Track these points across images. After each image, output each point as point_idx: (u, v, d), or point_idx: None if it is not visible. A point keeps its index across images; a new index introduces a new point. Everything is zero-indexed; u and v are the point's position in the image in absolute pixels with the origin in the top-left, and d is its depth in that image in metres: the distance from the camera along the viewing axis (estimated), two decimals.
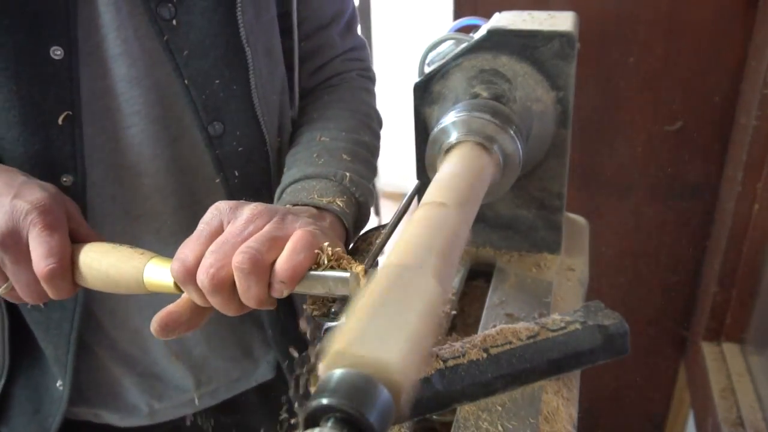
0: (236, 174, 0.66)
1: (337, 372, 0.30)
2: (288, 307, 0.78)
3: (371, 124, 0.74)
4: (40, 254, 0.50)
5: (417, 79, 0.69)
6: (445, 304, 0.38)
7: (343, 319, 0.48)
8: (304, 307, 0.52)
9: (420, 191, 0.65)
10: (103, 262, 0.51)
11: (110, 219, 0.65)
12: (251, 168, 0.67)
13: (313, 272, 0.47)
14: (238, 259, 0.45)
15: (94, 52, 0.59)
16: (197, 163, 0.66)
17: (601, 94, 1.20)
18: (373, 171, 0.68)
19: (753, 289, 1.16)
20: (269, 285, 0.47)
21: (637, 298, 1.38)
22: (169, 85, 0.62)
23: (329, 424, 0.28)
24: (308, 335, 0.51)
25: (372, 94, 0.81)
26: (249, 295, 0.47)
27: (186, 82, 0.61)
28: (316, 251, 0.48)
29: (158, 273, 0.50)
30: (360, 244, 0.58)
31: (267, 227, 0.48)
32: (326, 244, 0.48)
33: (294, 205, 0.57)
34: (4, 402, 0.72)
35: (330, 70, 0.77)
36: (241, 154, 0.66)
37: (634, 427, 1.55)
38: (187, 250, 0.48)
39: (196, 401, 0.80)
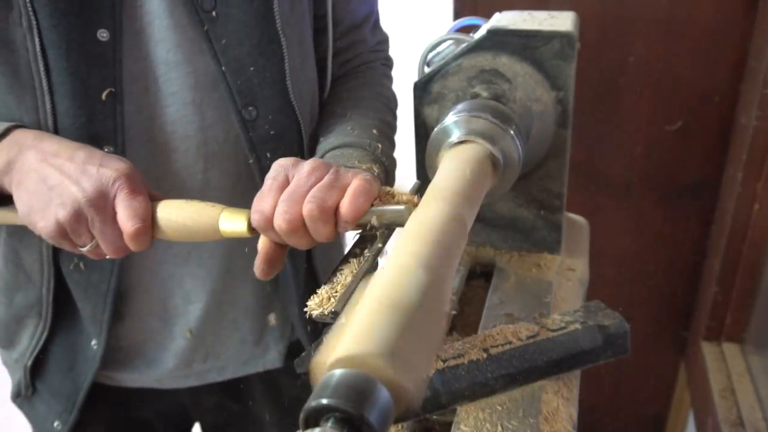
0: (268, 156, 0.70)
1: (338, 372, 0.30)
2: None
3: (391, 106, 0.83)
4: (127, 215, 0.57)
5: (417, 79, 0.69)
6: (445, 303, 0.38)
7: (343, 319, 0.48)
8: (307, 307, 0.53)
9: (420, 191, 0.65)
10: (181, 215, 0.58)
11: None
12: (283, 151, 0.72)
13: (374, 207, 0.55)
14: (307, 207, 0.53)
15: (137, 36, 0.64)
16: (227, 146, 0.71)
17: (601, 94, 1.20)
18: (394, 146, 0.77)
19: (753, 289, 1.16)
20: (335, 224, 0.54)
21: (637, 298, 1.38)
22: (206, 71, 0.67)
23: (329, 424, 0.28)
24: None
25: (391, 80, 0.89)
26: (319, 234, 0.55)
27: (223, 69, 0.66)
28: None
29: (231, 222, 0.57)
30: (359, 244, 0.58)
31: (327, 177, 0.55)
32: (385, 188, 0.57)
33: None
34: (43, 358, 0.78)
35: (359, 61, 0.85)
36: (273, 137, 0.71)
37: (634, 427, 1.55)
38: (263, 202, 0.55)
39: (203, 373, 0.83)
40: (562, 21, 0.66)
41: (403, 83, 0.89)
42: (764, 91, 1.03)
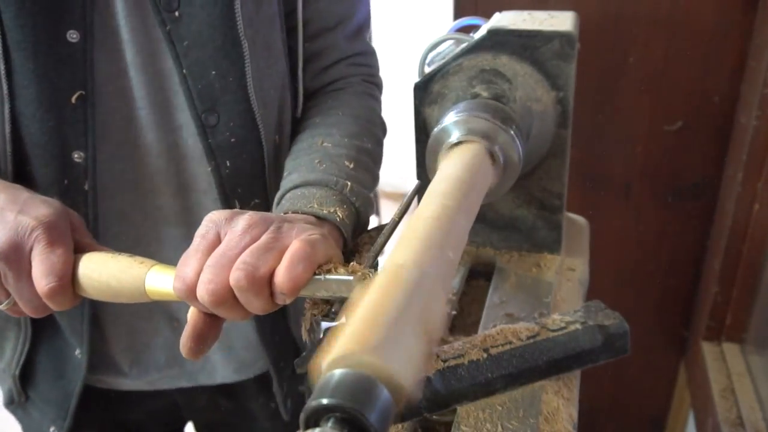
0: (228, 164, 0.68)
1: (338, 372, 0.30)
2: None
3: (374, 130, 0.74)
4: (41, 272, 0.50)
5: (417, 79, 0.69)
6: (445, 304, 0.38)
7: (342, 319, 0.48)
8: (306, 307, 0.52)
9: (420, 191, 0.65)
10: (104, 273, 0.51)
11: (119, 194, 0.69)
12: (244, 159, 0.69)
13: (317, 277, 0.47)
14: (234, 276, 0.45)
15: (108, 38, 0.62)
16: (193, 151, 0.69)
17: (601, 94, 1.20)
18: (374, 179, 0.69)
19: (753, 289, 1.16)
20: (271, 294, 0.47)
21: (637, 298, 1.38)
22: (170, 73, 0.65)
23: (329, 424, 0.28)
24: (308, 342, 0.51)
25: (377, 101, 0.81)
26: (251, 307, 0.47)
27: (185, 71, 0.64)
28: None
29: (160, 281, 0.50)
30: (360, 244, 0.58)
31: (263, 238, 0.48)
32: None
33: (293, 212, 0.57)
34: (31, 367, 0.77)
35: (335, 73, 0.78)
36: (233, 145, 0.68)
37: (634, 427, 1.55)
38: (187, 267, 0.48)
39: (193, 374, 0.82)
40: (562, 21, 0.66)
41: (403, 83, 0.88)
42: (764, 91, 1.03)
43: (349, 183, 0.60)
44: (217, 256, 0.47)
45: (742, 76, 1.13)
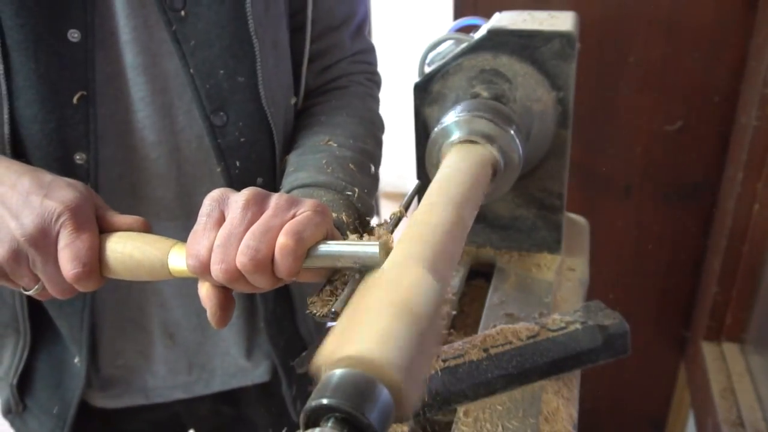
0: (237, 164, 0.67)
1: (338, 372, 0.30)
2: (285, 305, 0.79)
3: (375, 131, 0.74)
4: (68, 257, 0.51)
5: (417, 79, 0.69)
6: (445, 304, 0.38)
7: (344, 318, 0.48)
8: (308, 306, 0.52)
9: (420, 191, 0.65)
10: (128, 245, 0.52)
11: (117, 197, 0.67)
12: (253, 159, 0.68)
13: (324, 247, 0.47)
14: (240, 261, 0.46)
15: (108, 38, 0.61)
16: (200, 152, 0.68)
17: (602, 94, 1.20)
18: (375, 180, 0.69)
19: (753, 289, 1.16)
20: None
21: (637, 298, 1.38)
22: (175, 74, 0.64)
23: (329, 424, 0.28)
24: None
25: (376, 100, 0.81)
26: (260, 285, 0.48)
27: (192, 71, 0.62)
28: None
29: (179, 258, 0.51)
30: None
31: (263, 217, 0.48)
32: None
33: None
34: (29, 375, 0.75)
35: (337, 71, 0.78)
36: (243, 145, 0.67)
37: (634, 427, 1.55)
38: (198, 245, 0.48)
39: (189, 386, 0.81)
40: (562, 21, 0.66)
41: (403, 83, 0.88)
42: (764, 91, 1.03)
43: (356, 190, 0.60)
44: (224, 237, 0.48)
45: (742, 76, 1.13)
